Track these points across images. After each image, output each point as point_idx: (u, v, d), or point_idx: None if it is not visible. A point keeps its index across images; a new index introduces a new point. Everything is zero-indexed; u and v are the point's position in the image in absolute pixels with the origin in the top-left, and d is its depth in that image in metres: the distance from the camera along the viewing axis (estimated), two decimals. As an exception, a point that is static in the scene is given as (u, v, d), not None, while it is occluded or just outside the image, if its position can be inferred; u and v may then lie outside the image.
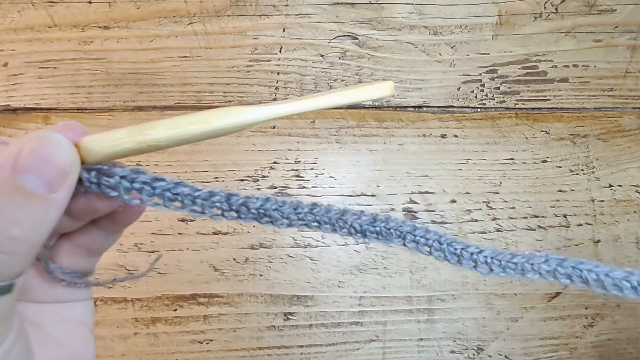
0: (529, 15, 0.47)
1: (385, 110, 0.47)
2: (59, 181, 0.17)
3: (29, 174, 0.17)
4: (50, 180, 0.17)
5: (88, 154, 0.19)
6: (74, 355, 0.22)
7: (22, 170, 0.17)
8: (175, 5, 0.46)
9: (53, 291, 0.23)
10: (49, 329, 0.22)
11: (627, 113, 0.48)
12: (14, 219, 0.17)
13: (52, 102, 0.46)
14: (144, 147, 0.19)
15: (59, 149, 0.17)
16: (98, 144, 0.19)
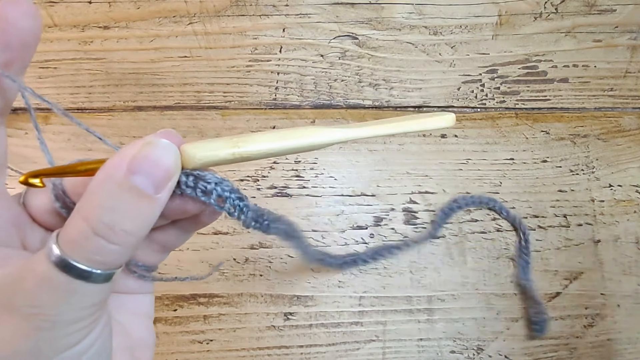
0: (529, 15, 0.47)
1: (385, 110, 0.47)
2: (164, 183, 0.19)
3: (141, 175, 0.19)
4: (158, 182, 0.19)
5: (188, 160, 0.21)
6: (138, 343, 0.24)
7: (135, 172, 0.19)
8: (175, 5, 0.46)
9: (125, 282, 0.25)
10: (118, 318, 0.24)
11: (627, 113, 0.48)
12: (127, 214, 0.19)
13: (52, 102, 0.46)
14: (237, 158, 0.21)
15: (168, 154, 0.19)
16: (198, 152, 0.21)
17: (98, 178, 0.19)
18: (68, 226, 0.19)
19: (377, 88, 0.47)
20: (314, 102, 0.47)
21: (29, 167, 0.43)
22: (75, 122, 0.22)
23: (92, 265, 0.18)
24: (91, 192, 0.19)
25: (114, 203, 0.18)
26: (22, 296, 0.19)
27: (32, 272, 0.19)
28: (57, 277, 0.18)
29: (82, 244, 0.18)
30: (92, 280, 0.19)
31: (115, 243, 0.19)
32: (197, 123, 0.46)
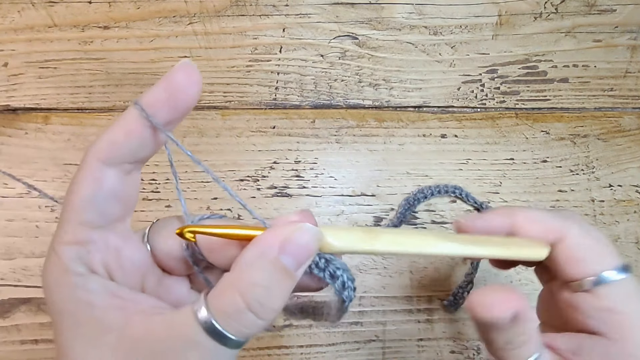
0: (529, 15, 0.47)
1: (385, 110, 0.47)
2: (305, 264, 0.22)
3: (290, 256, 0.21)
4: (301, 263, 0.21)
5: (326, 246, 0.23)
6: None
7: (286, 253, 0.21)
8: (175, 5, 0.46)
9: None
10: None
11: (627, 113, 0.48)
12: (276, 293, 0.21)
13: (52, 102, 0.46)
14: (367, 252, 0.23)
15: (314, 240, 0.22)
16: (337, 244, 0.23)
17: (252, 254, 0.21)
18: (222, 298, 0.20)
19: (377, 88, 0.47)
20: (314, 102, 0.47)
21: (28, 167, 0.43)
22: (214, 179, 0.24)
23: (237, 335, 0.20)
24: (246, 267, 0.21)
25: (267, 282, 0.20)
26: (171, 354, 0.20)
27: (179, 333, 0.20)
28: (204, 341, 0.20)
29: (236, 317, 0.20)
30: (230, 346, 0.20)
31: (263, 319, 0.20)
32: (197, 123, 0.46)
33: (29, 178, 0.43)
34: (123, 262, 0.23)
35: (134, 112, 0.21)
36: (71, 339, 0.21)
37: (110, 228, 0.23)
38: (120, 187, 0.22)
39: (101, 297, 0.21)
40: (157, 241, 0.24)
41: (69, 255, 0.22)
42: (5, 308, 0.41)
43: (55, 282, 0.22)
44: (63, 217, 0.22)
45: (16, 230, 0.42)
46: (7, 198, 0.43)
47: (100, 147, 0.21)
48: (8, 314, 0.41)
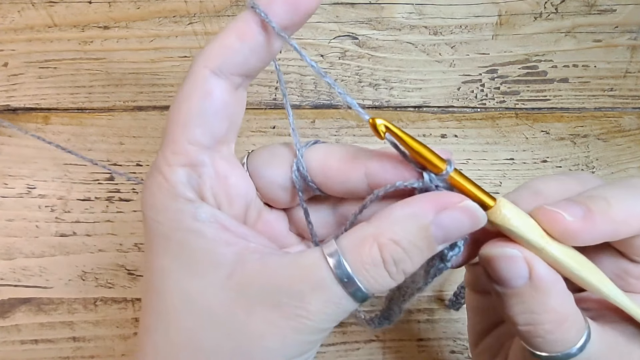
0: (529, 15, 0.47)
1: (385, 110, 0.47)
2: (449, 242, 0.20)
3: (440, 229, 0.19)
4: (446, 239, 0.20)
5: (499, 217, 0.21)
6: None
7: (439, 224, 0.19)
8: (175, 5, 0.46)
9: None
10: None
11: (627, 113, 0.48)
12: (412, 257, 0.19)
13: (52, 102, 0.46)
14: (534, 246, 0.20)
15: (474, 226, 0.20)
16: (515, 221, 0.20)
17: (404, 212, 0.20)
18: (361, 246, 0.19)
19: (377, 88, 0.47)
20: (314, 102, 0.47)
21: (28, 167, 0.43)
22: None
23: (368, 288, 0.19)
24: (394, 222, 0.19)
25: (409, 245, 0.19)
26: (292, 296, 0.19)
27: (305, 274, 0.19)
28: (334, 288, 0.19)
29: (370, 270, 0.19)
30: (356, 297, 0.19)
31: (393, 279, 0.20)
32: (197, 123, 0.46)
33: (29, 178, 0.43)
34: (230, 191, 0.21)
35: (249, 15, 0.20)
36: (174, 267, 0.20)
37: (218, 150, 0.21)
38: (230, 102, 0.21)
39: (211, 228, 0.20)
40: (258, 167, 0.23)
41: (179, 179, 0.20)
42: (5, 308, 0.41)
43: (162, 206, 0.20)
44: (169, 134, 0.20)
45: (16, 230, 0.42)
46: (7, 198, 0.43)
47: (210, 53, 0.20)
48: (8, 314, 0.41)
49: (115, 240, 0.42)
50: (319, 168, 0.22)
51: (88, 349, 0.40)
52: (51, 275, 0.42)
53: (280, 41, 0.21)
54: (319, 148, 0.23)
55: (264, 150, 0.23)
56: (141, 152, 0.45)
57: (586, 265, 0.21)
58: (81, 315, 0.41)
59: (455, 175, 0.20)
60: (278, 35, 0.20)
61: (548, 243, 0.20)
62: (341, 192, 0.22)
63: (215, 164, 0.21)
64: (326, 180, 0.22)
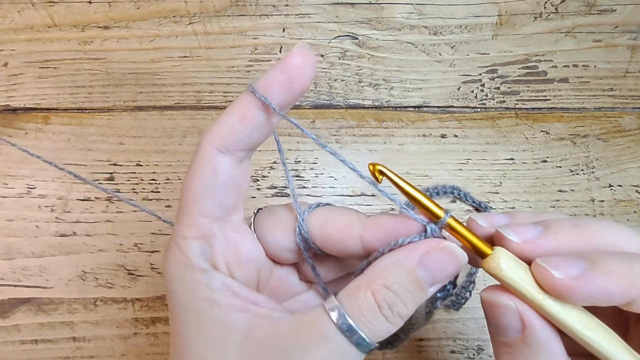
0: (529, 15, 0.47)
1: (385, 110, 0.47)
2: (439, 283, 0.21)
3: (427, 271, 0.21)
4: (436, 281, 0.21)
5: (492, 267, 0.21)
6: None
7: (423, 266, 0.21)
8: (175, 5, 0.46)
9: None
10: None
11: (627, 113, 0.48)
12: (405, 301, 0.21)
13: (52, 102, 0.46)
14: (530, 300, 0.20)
15: (455, 263, 0.21)
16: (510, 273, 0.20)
17: (391, 259, 0.21)
18: (356, 295, 0.21)
19: (377, 88, 0.47)
20: (314, 102, 0.47)
21: (28, 167, 0.43)
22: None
23: (369, 335, 0.20)
24: (382, 270, 0.21)
25: (399, 289, 0.20)
26: (299, 352, 0.20)
27: (309, 329, 0.21)
28: (337, 339, 0.20)
29: (368, 315, 0.20)
30: (361, 348, 0.20)
31: (392, 323, 0.21)
32: (197, 123, 0.46)
33: (29, 178, 0.43)
34: (240, 257, 0.23)
35: (248, 97, 0.22)
36: (193, 335, 0.21)
37: (227, 220, 0.23)
38: (235, 175, 0.22)
39: (224, 296, 0.22)
40: (264, 231, 0.25)
41: (193, 251, 0.22)
42: (5, 308, 0.41)
43: (179, 277, 0.22)
44: (183, 208, 0.22)
45: (16, 230, 0.42)
46: (7, 198, 0.43)
47: (215, 134, 0.22)
48: (8, 314, 0.41)
49: (115, 240, 0.42)
50: (319, 233, 0.24)
51: (88, 349, 0.40)
52: (51, 275, 0.42)
53: (278, 117, 0.22)
54: (318, 213, 0.24)
55: (267, 214, 0.25)
56: (141, 152, 0.45)
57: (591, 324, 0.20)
58: (81, 315, 0.41)
59: (453, 223, 0.22)
60: (277, 114, 0.22)
61: (545, 299, 0.20)
62: (340, 254, 0.24)
63: (226, 234, 0.23)
64: (325, 244, 0.24)
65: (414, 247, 0.21)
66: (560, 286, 0.19)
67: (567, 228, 0.21)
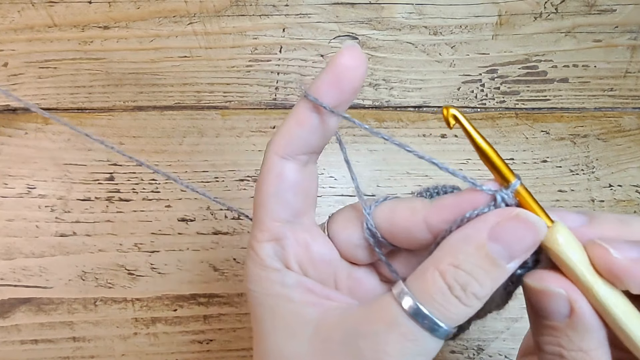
0: (529, 15, 0.47)
1: (385, 110, 0.47)
2: (519, 257, 0.19)
3: (500, 245, 0.19)
4: (514, 255, 0.19)
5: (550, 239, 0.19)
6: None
7: (495, 240, 0.19)
8: (175, 5, 0.46)
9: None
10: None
11: (627, 113, 0.48)
12: (479, 279, 0.19)
13: (52, 102, 0.46)
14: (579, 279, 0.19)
15: (535, 235, 0.19)
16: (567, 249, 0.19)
17: (457, 236, 0.20)
18: (423, 277, 0.20)
19: (377, 88, 0.47)
20: (314, 102, 0.47)
21: (28, 167, 0.43)
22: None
23: (442, 319, 0.19)
24: (449, 248, 0.20)
25: (470, 267, 0.19)
26: (369, 338, 0.20)
27: (378, 316, 0.20)
28: (408, 324, 0.19)
29: (438, 298, 0.19)
30: (436, 334, 0.19)
31: (467, 305, 0.19)
32: (197, 123, 0.46)
33: (29, 178, 0.43)
34: (314, 257, 0.24)
35: (303, 102, 0.22)
36: (271, 329, 0.22)
37: (298, 223, 0.24)
38: (301, 179, 0.23)
39: (297, 292, 0.22)
40: (335, 230, 0.25)
41: (266, 252, 0.23)
42: (5, 308, 0.41)
43: (256, 277, 0.23)
44: (256, 215, 0.24)
45: (16, 230, 0.42)
46: (7, 198, 0.43)
47: (276, 142, 0.23)
48: (8, 314, 0.41)
49: (115, 240, 0.42)
50: (387, 226, 0.24)
51: (88, 349, 0.40)
52: (51, 275, 0.42)
53: (334, 118, 0.23)
54: (384, 206, 0.24)
55: (338, 215, 0.26)
56: (141, 152, 0.45)
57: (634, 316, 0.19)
58: (81, 315, 0.41)
59: (522, 190, 0.20)
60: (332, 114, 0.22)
61: (597, 282, 0.19)
62: (410, 245, 0.24)
63: (297, 235, 0.24)
64: (394, 237, 0.24)
65: (483, 219, 0.20)
66: (618, 267, 0.19)
67: (612, 221, 0.21)
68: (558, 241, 0.19)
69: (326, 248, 0.24)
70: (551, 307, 0.20)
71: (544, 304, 0.20)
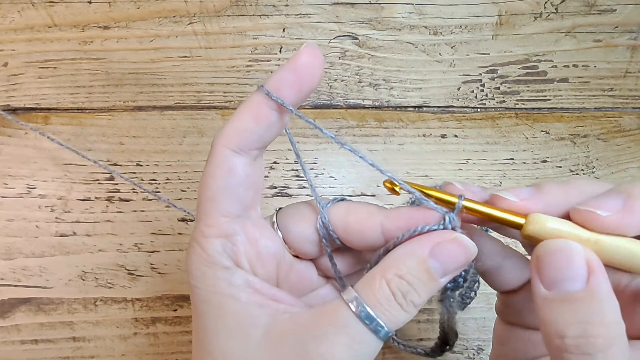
0: (529, 15, 0.47)
1: (385, 110, 0.47)
2: (450, 273, 0.22)
3: (437, 262, 0.21)
4: (447, 272, 0.22)
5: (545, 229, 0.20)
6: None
7: (434, 256, 0.21)
8: (175, 5, 0.46)
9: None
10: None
11: (627, 113, 0.48)
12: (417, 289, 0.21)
13: (52, 102, 0.46)
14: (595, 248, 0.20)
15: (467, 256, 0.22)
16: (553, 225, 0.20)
17: (404, 249, 0.22)
18: (372, 284, 0.21)
19: (377, 88, 0.47)
20: (314, 102, 0.47)
21: (28, 167, 0.43)
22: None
23: (387, 322, 0.21)
24: (395, 259, 0.22)
25: (411, 278, 0.21)
26: (318, 340, 0.21)
27: (329, 319, 0.21)
28: (356, 326, 0.21)
29: (384, 303, 0.21)
30: (379, 335, 0.21)
31: (407, 311, 0.21)
32: (197, 123, 0.46)
33: (29, 178, 0.43)
34: (261, 252, 0.24)
35: (259, 97, 0.22)
36: (214, 329, 0.22)
37: (247, 217, 0.24)
38: (251, 173, 0.23)
39: (245, 292, 0.22)
40: (287, 223, 0.25)
41: (215, 249, 0.23)
42: (5, 308, 0.41)
43: (201, 274, 0.23)
44: (202, 209, 0.23)
45: (16, 230, 0.42)
46: (7, 198, 0.43)
47: (228, 135, 0.22)
48: (8, 314, 0.41)
49: (115, 240, 0.42)
50: (341, 225, 0.24)
51: (88, 349, 0.40)
52: (51, 275, 0.42)
53: (288, 115, 0.23)
54: (341, 206, 0.25)
55: (290, 209, 0.26)
56: (141, 152, 0.45)
57: None
58: (81, 315, 0.41)
59: (469, 204, 0.22)
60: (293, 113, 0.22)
61: (598, 240, 0.20)
62: (361, 247, 0.25)
63: (247, 230, 0.24)
64: (347, 235, 0.25)
65: (426, 237, 0.22)
66: (611, 223, 0.19)
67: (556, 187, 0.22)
68: (547, 225, 0.20)
69: (272, 241, 0.25)
70: (569, 272, 0.19)
71: (560, 270, 0.19)
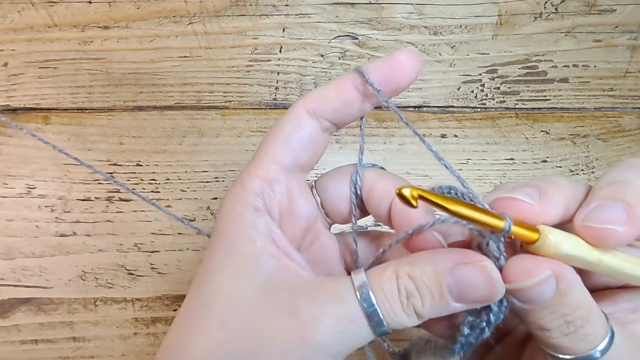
0: (529, 15, 0.47)
1: (385, 110, 0.47)
2: (466, 302, 0.20)
3: (455, 282, 0.20)
4: (462, 298, 0.20)
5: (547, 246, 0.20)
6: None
7: (453, 275, 0.20)
8: (175, 5, 0.46)
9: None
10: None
11: (627, 113, 0.48)
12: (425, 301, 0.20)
13: (52, 102, 0.46)
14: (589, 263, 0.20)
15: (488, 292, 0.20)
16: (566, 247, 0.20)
17: (428, 256, 0.21)
18: (383, 272, 0.21)
19: (377, 88, 0.47)
20: (314, 102, 0.47)
21: (28, 167, 0.43)
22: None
23: (384, 314, 0.20)
24: (415, 258, 0.21)
25: (421, 285, 0.20)
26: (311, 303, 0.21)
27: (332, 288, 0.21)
28: (353, 304, 0.20)
29: (388, 297, 0.20)
30: (371, 324, 0.20)
31: (405, 312, 0.21)
32: (197, 123, 0.46)
33: (29, 178, 0.43)
34: (294, 210, 0.24)
35: (350, 77, 0.23)
36: (221, 263, 0.22)
37: (294, 174, 0.24)
38: (315, 139, 0.24)
39: (262, 238, 0.22)
40: (325, 182, 0.26)
41: (253, 188, 0.23)
42: (5, 308, 0.41)
43: (230, 209, 0.23)
44: (257, 153, 0.24)
45: (16, 230, 0.42)
46: (7, 198, 0.43)
47: (309, 98, 0.24)
48: (8, 314, 0.41)
49: (115, 240, 0.42)
50: (368, 187, 0.25)
51: (88, 349, 0.40)
52: (51, 275, 0.42)
53: (370, 104, 0.25)
54: (376, 171, 0.26)
55: (332, 171, 0.27)
56: (141, 152, 0.45)
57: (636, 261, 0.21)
58: (81, 315, 0.41)
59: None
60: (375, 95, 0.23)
61: (601, 259, 0.20)
62: (376, 214, 0.25)
63: (289, 184, 0.24)
64: (368, 199, 0.25)
65: (457, 252, 0.21)
66: (625, 237, 0.20)
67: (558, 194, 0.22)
68: (563, 247, 0.20)
69: (308, 204, 0.25)
70: (542, 292, 0.20)
71: (535, 294, 0.20)
